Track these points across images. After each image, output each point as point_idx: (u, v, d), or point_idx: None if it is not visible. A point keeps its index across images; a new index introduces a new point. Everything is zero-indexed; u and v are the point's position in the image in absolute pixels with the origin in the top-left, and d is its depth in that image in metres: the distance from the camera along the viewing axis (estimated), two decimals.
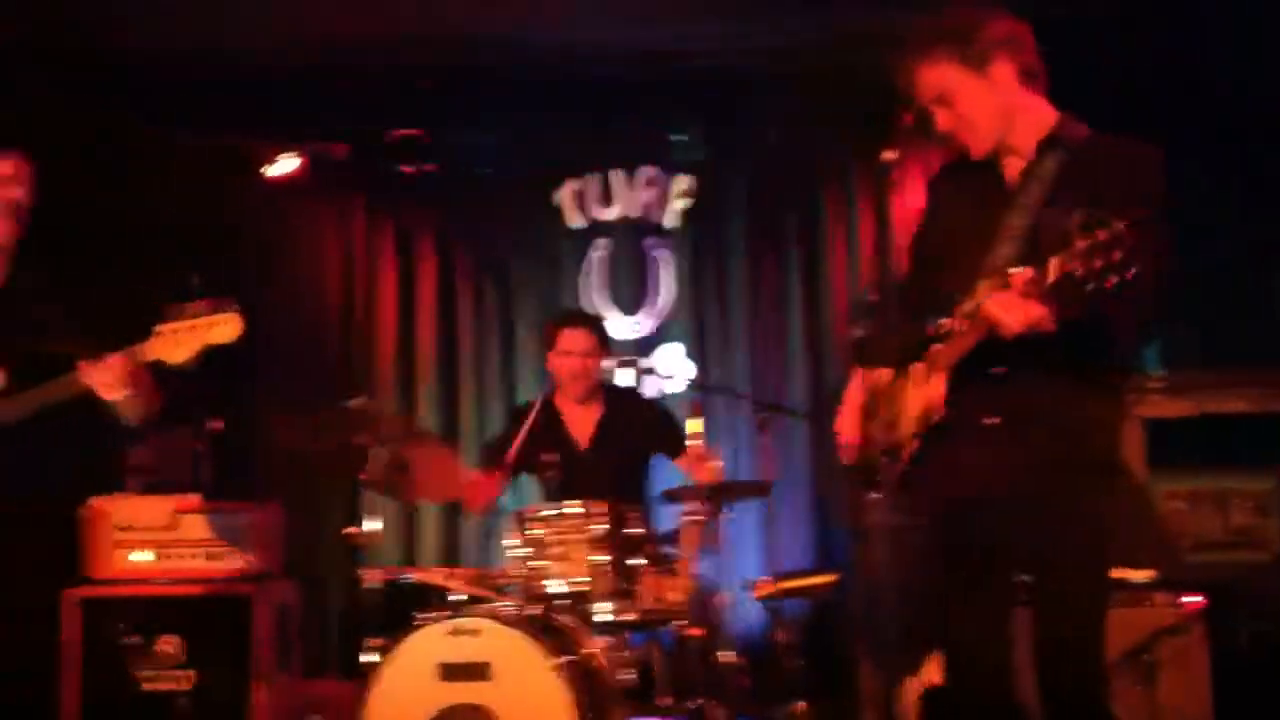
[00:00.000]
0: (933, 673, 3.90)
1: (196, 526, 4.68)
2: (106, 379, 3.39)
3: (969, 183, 3.09)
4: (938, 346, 2.99)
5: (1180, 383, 5.27)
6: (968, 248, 2.98)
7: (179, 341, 3.36)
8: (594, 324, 5.31)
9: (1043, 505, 2.87)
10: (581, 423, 5.20)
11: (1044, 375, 2.88)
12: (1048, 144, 2.97)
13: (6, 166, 3.57)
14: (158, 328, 3.41)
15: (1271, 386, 5.25)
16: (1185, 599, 4.02)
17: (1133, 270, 2.55)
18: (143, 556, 4.62)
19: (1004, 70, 2.96)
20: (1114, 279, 2.56)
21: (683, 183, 6.74)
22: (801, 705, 4.68)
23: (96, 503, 4.69)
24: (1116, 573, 4.27)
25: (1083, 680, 2.88)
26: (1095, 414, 2.93)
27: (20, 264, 3.67)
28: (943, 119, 3.01)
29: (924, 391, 3.01)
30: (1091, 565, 2.92)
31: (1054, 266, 2.65)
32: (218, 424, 5.26)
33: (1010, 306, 2.74)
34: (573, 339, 5.14)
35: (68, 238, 3.91)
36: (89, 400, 3.45)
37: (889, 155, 3.01)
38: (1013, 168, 3.02)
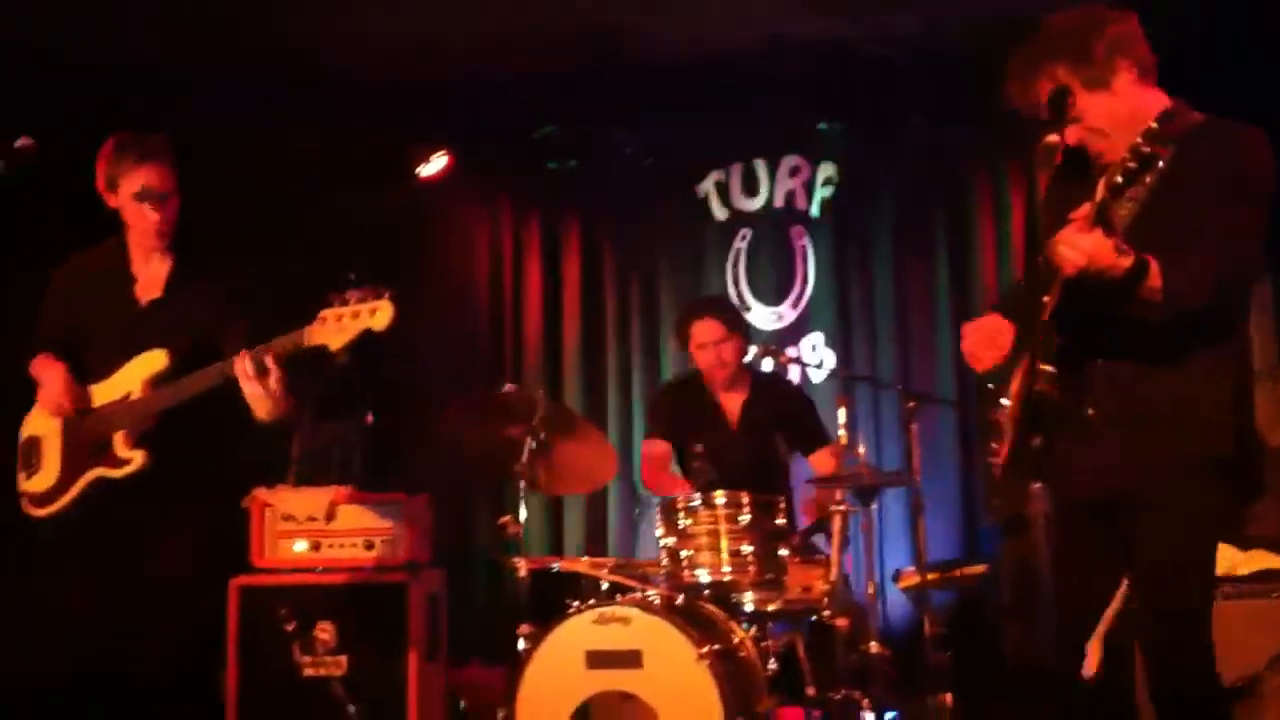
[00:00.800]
0: (1091, 664, 3.81)
1: (352, 517, 4.80)
2: (246, 373, 3.46)
3: (1077, 176, 3.02)
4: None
5: None
6: (1049, 228, 2.92)
7: (340, 328, 3.44)
8: (722, 310, 5.28)
9: (1142, 506, 2.85)
10: (731, 405, 5.23)
11: (1147, 365, 2.84)
12: (1151, 131, 2.86)
13: (145, 178, 3.66)
14: (320, 313, 3.49)
15: None
16: None
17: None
18: (301, 546, 4.76)
19: (1124, 77, 2.93)
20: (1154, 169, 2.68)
21: (827, 170, 6.70)
22: (948, 697, 4.62)
23: (261, 493, 4.84)
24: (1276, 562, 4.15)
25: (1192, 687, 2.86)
26: (1203, 408, 2.86)
27: (190, 251, 3.78)
28: (1071, 134, 2.96)
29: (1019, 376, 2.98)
30: (1191, 568, 2.89)
31: (1101, 185, 2.69)
32: (371, 417, 5.39)
33: (1071, 241, 2.70)
34: (705, 330, 5.14)
35: (230, 238, 4.03)
36: (229, 392, 3.52)
37: (1052, 139, 2.93)
38: (1114, 154, 2.95)
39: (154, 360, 3.63)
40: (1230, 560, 4.18)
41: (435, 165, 6.66)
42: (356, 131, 6.31)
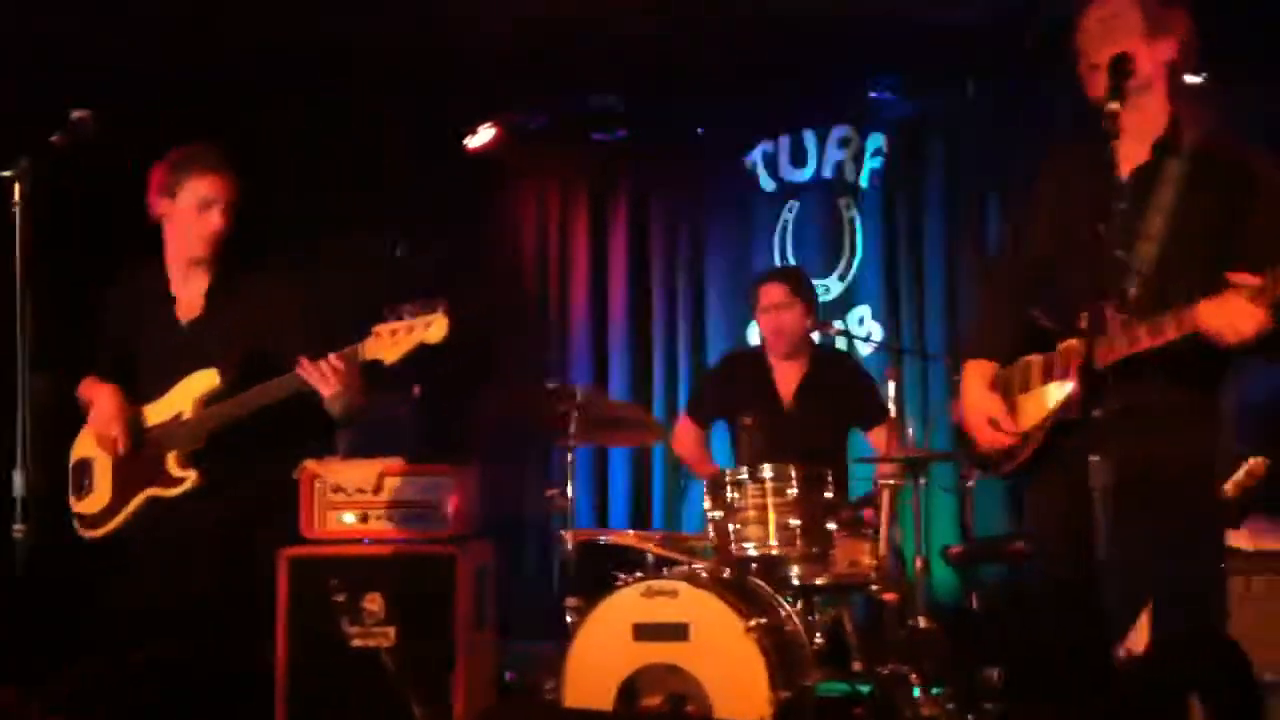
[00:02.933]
0: (1138, 641, 3.79)
1: (401, 489, 4.83)
2: (324, 377, 3.52)
3: (1080, 168, 3.06)
4: (1073, 343, 2.96)
5: None
6: (1092, 241, 2.92)
7: (395, 342, 3.51)
8: (790, 276, 5.26)
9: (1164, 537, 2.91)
10: (787, 379, 5.19)
11: (1174, 388, 2.92)
12: (1166, 144, 2.98)
13: (208, 187, 3.69)
14: (374, 328, 3.55)
15: None
16: None
17: None
18: (350, 517, 4.79)
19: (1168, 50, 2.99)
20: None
21: (876, 141, 6.64)
22: (997, 672, 4.60)
23: (310, 465, 4.87)
24: None
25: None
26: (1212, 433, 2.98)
27: (229, 269, 3.80)
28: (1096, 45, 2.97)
29: (1046, 390, 3.01)
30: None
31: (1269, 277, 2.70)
32: (420, 389, 5.41)
33: (1237, 313, 2.74)
34: (769, 293, 5.12)
35: (279, 234, 4.05)
36: (304, 398, 3.59)
37: (1113, 107, 2.89)
38: (1129, 159, 3.00)
39: (205, 379, 3.67)
40: None
41: (484, 137, 6.66)
42: (402, 105, 6.30)
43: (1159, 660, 3.00)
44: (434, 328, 3.51)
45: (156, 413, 3.72)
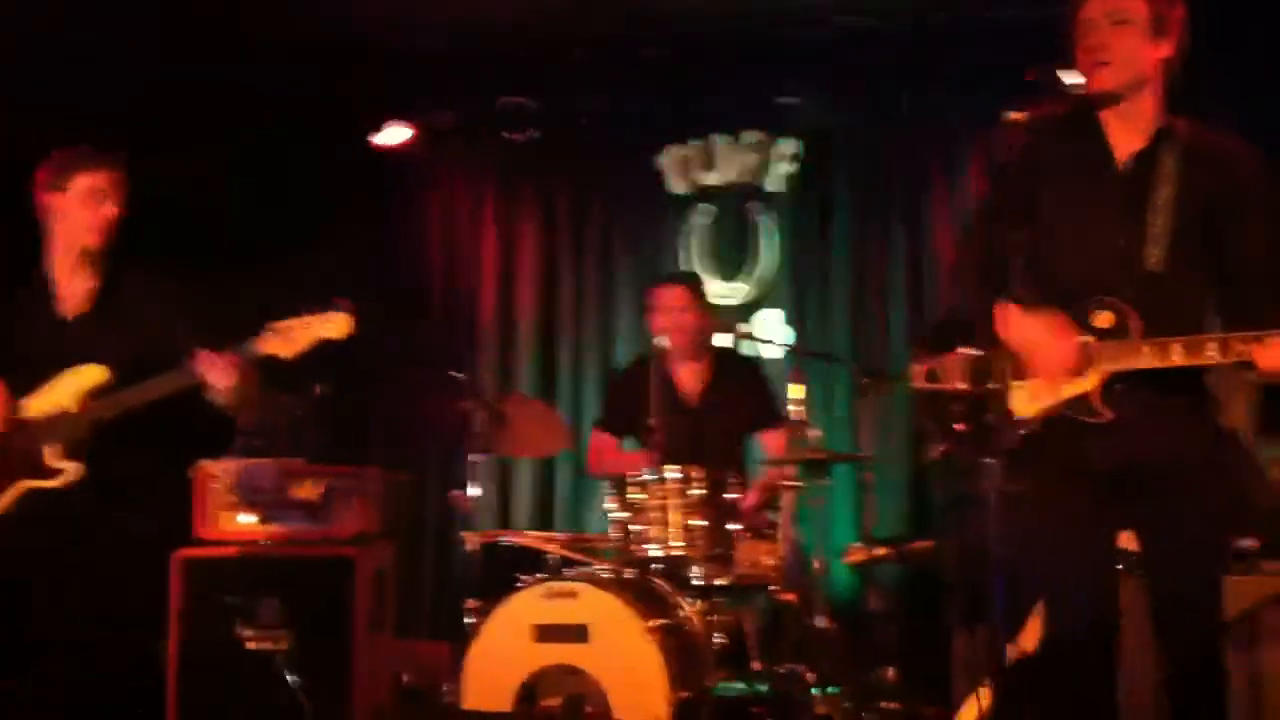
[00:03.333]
0: (1029, 640, 3.84)
1: (299, 490, 4.77)
2: (220, 371, 3.51)
3: (1070, 150, 3.06)
4: (1106, 344, 2.94)
5: None
6: (1094, 232, 2.98)
7: (291, 339, 3.51)
8: (689, 280, 5.28)
9: (1176, 472, 2.94)
10: (690, 382, 5.20)
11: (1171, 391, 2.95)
12: (1161, 135, 2.98)
13: (100, 179, 3.70)
14: (271, 324, 3.55)
15: None
16: None
17: None
18: (246, 518, 4.72)
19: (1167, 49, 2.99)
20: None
21: (788, 146, 6.67)
22: (893, 671, 4.65)
23: (206, 465, 4.80)
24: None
25: (1207, 640, 2.96)
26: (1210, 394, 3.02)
27: (116, 267, 3.79)
28: (1107, 78, 2.97)
29: (1064, 382, 2.98)
30: (1219, 529, 3.07)
31: None
32: (321, 389, 5.35)
33: None
34: (668, 295, 5.13)
35: (170, 231, 4.02)
36: (194, 393, 3.59)
37: (1015, 116, 2.93)
38: (1123, 148, 3.01)
39: (92, 374, 3.64)
40: None
41: (396, 135, 6.61)
42: (306, 101, 6.23)
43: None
44: (335, 324, 3.51)
45: (36, 405, 3.66)
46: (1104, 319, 2.95)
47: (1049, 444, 2.99)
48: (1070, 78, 4.97)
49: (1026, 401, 3.02)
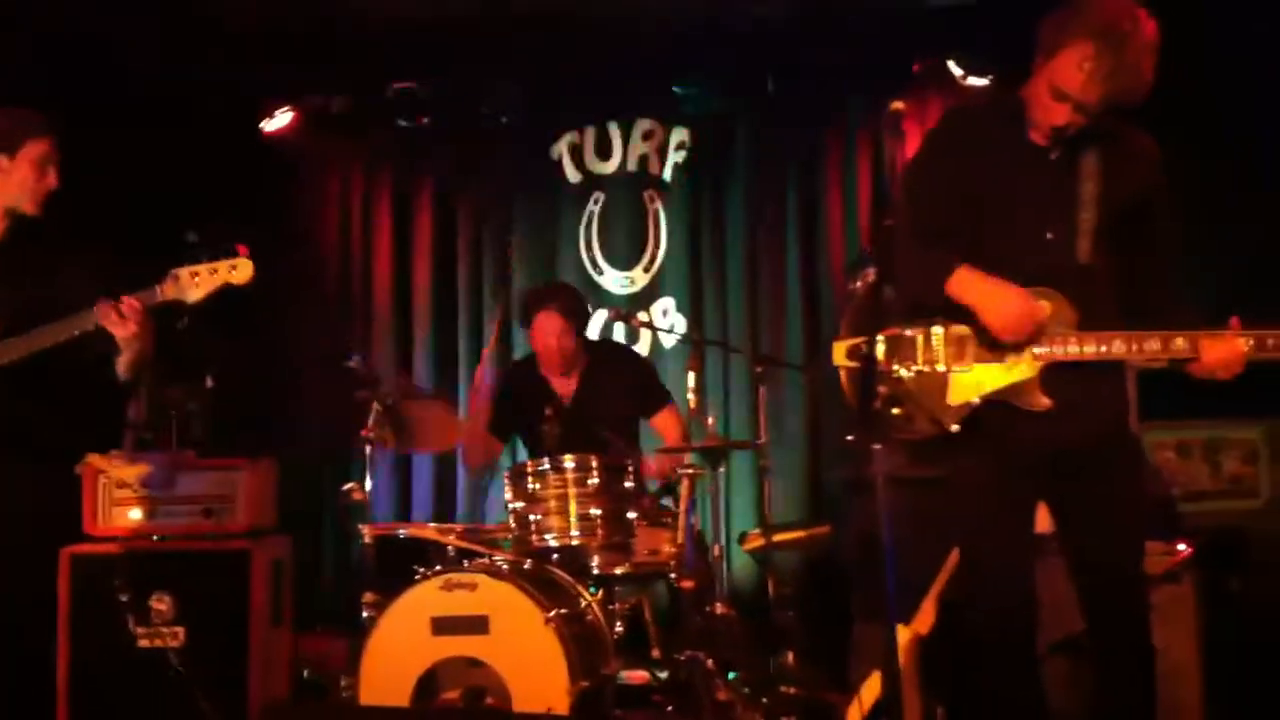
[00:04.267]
0: (925, 623, 3.91)
1: (191, 483, 4.69)
2: (120, 319, 3.47)
3: (996, 135, 3.14)
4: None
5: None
6: (1024, 220, 3.08)
7: (196, 284, 3.49)
8: (566, 303, 5.12)
9: (1103, 455, 3.10)
10: (564, 384, 5.19)
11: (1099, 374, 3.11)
12: (1086, 131, 3.06)
13: (47, 147, 3.69)
14: (173, 271, 3.51)
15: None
16: (1176, 547, 4.04)
17: None
18: (137, 514, 4.63)
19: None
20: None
21: (681, 135, 6.70)
22: (791, 656, 4.71)
23: (94, 459, 4.69)
24: None
25: (1138, 615, 3.11)
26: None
27: (19, 228, 3.73)
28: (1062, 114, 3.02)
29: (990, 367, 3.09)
30: (1141, 509, 3.24)
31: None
32: (213, 380, 5.26)
33: (1234, 358, 3.06)
34: (546, 323, 5.06)
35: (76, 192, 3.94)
36: (90, 341, 3.52)
37: (897, 106, 2.98)
38: (1041, 130, 3.08)
39: None
40: None
41: (281, 120, 6.51)
42: (199, 82, 6.11)
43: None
44: (239, 269, 3.49)
45: None
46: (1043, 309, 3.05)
47: (984, 429, 3.08)
48: (959, 70, 5.08)
49: (970, 387, 3.10)
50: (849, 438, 3.24)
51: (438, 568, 4.25)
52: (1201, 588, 4.00)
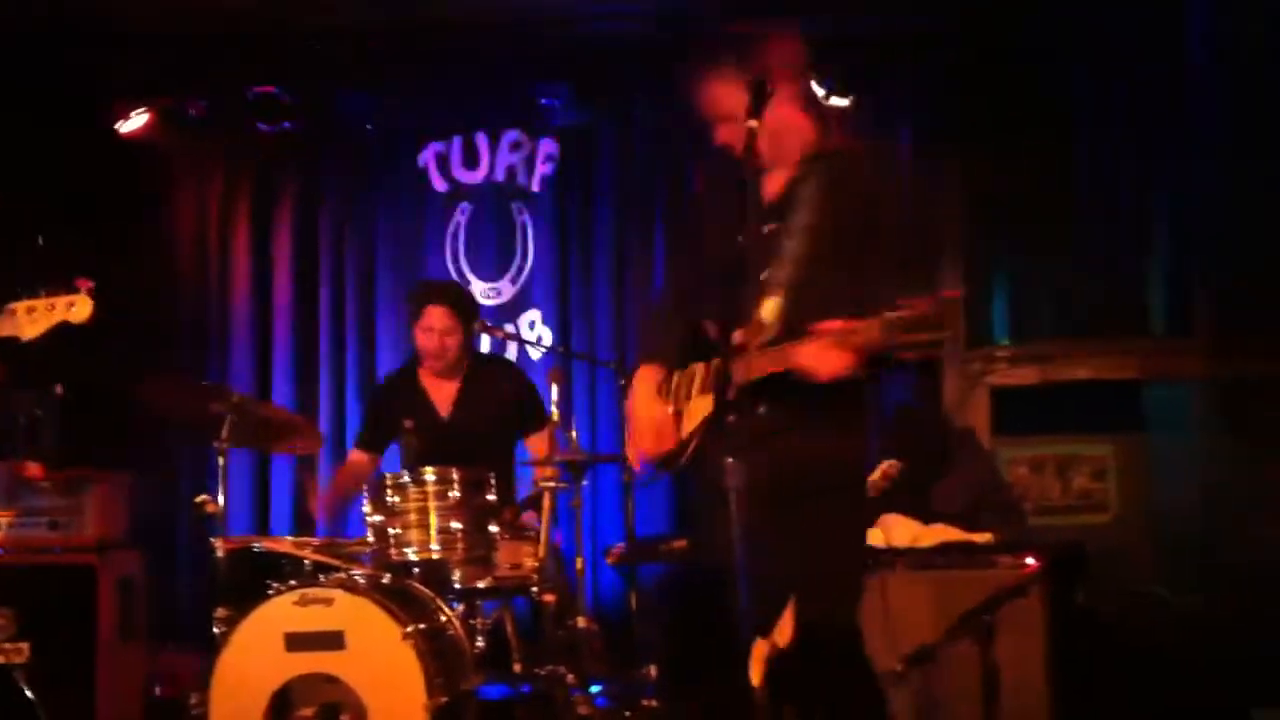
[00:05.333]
0: (782, 635, 3.95)
1: (38, 495, 4.55)
2: None
3: (734, 194, 3.16)
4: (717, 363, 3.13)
5: (1026, 353, 5.42)
6: (747, 263, 3.06)
7: (32, 319, 3.38)
8: (456, 300, 5.13)
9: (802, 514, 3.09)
10: (443, 394, 5.14)
11: (817, 399, 3.02)
12: (808, 163, 3.14)
13: None
14: (9, 305, 3.40)
15: (1113, 355, 5.43)
16: (1024, 561, 4.14)
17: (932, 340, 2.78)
18: None
19: (783, 92, 3.09)
20: (913, 353, 2.83)
21: (549, 146, 6.69)
22: (652, 669, 4.72)
23: None
24: (960, 536, 4.40)
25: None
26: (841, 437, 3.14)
27: None
28: (723, 133, 3.13)
29: (704, 398, 3.17)
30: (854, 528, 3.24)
31: (863, 329, 2.84)
32: (61, 390, 5.12)
33: (821, 358, 2.90)
34: (434, 316, 5.03)
35: None
36: None
37: (751, 124, 3.03)
38: (774, 183, 3.17)
39: None
40: (913, 533, 4.42)
41: (136, 121, 6.35)
42: (51, 81, 5.93)
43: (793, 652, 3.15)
44: (77, 307, 3.37)
45: None
46: (735, 341, 3.09)
47: (707, 464, 3.13)
48: (821, 91, 5.13)
49: (690, 420, 3.20)
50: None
51: (292, 582, 4.17)
52: (1049, 601, 4.10)
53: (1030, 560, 4.14)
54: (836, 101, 5.96)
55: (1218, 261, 5.48)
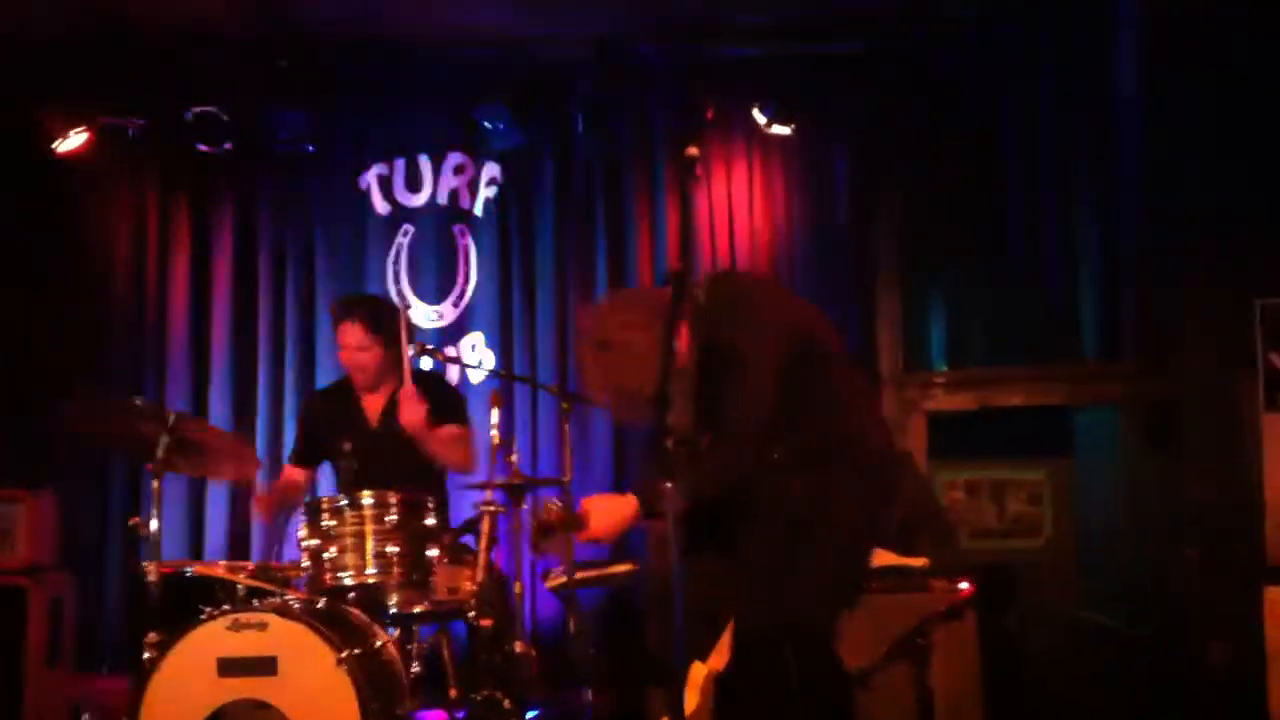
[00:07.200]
0: (720, 659, 3.95)
1: None
2: None
3: None
4: None
5: (962, 378, 5.48)
6: None
7: None
8: (368, 315, 5.02)
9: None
10: (374, 404, 5.11)
11: None
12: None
13: None
14: None
15: (1047, 381, 5.50)
16: (958, 585, 4.17)
17: None
18: None
19: None
20: None
21: (492, 170, 6.69)
22: (590, 694, 4.70)
23: None
24: (894, 560, 4.43)
25: None
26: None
27: None
28: None
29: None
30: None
31: None
32: None
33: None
34: (347, 333, 4.98)
35: None
36: None
37: (692, 151, 3.05)
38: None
39: None
40: None
41: (75, 141, 6.28)
42: None
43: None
44: None
45: None
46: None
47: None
48: (762, 119, 5.17)
49: None
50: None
51: (225, 606, 4.12)
52: (982, 624, 4.13)
53: (964, 584, 4.18)
54: (778, 129, 6.01)
55: (1141, 288, 5.56)
